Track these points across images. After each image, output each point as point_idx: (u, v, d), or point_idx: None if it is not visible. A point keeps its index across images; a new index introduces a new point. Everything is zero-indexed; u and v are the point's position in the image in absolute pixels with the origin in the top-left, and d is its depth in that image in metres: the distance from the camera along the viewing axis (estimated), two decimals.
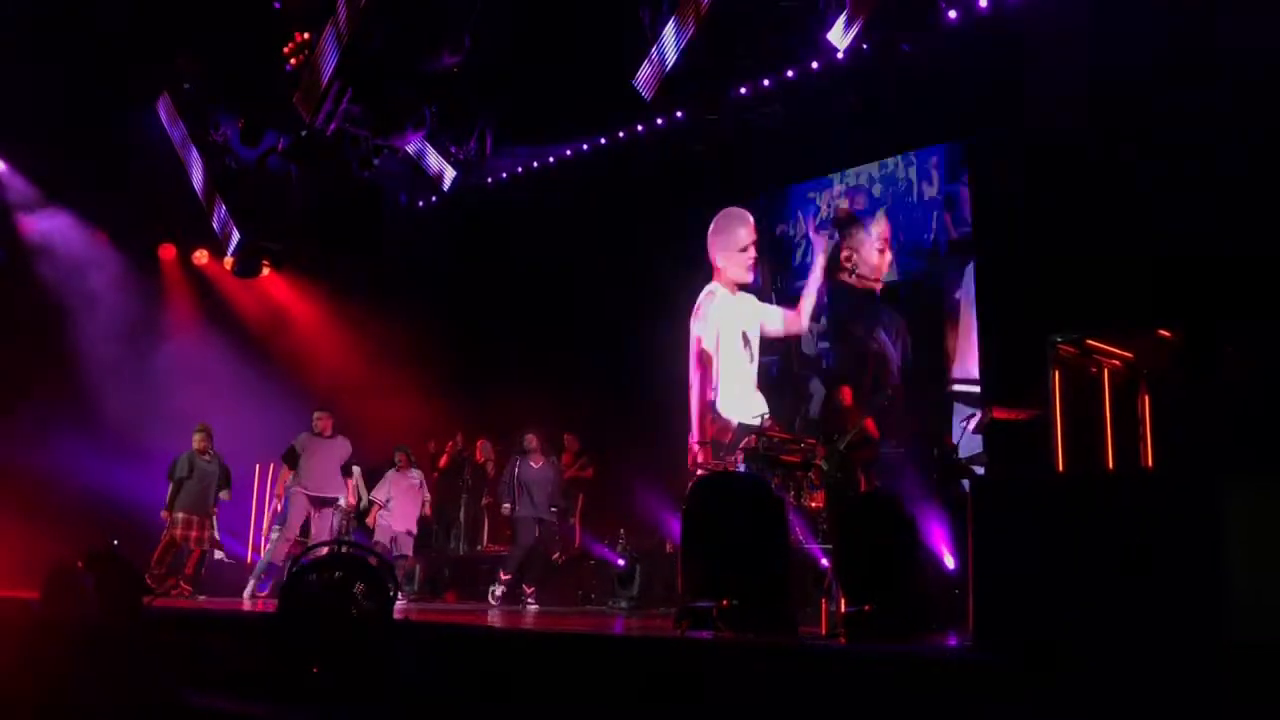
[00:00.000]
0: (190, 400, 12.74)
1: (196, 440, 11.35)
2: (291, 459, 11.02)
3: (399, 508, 11.65)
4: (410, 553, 11.82)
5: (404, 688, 5.39)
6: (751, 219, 12.86)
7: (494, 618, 8.81)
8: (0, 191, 12.50)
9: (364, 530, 11.60)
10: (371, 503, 11.57)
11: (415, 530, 11.84)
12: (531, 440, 11.37)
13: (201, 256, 14.55)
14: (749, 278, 12.77)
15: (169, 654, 5.71)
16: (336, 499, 11.15)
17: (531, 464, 11.31)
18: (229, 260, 12.78)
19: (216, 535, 11.45)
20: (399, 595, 8.55)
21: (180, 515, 11.02)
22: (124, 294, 13.65)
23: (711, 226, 13.16)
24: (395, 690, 5.31)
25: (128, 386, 13.04)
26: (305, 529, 11.06)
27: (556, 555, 12.00)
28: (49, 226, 13.41)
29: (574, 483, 12.62)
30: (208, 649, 6.64)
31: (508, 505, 11.36)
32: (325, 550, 5.97)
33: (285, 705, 5.12)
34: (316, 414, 11.24)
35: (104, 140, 12.28)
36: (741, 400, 12.56)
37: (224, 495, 11.39)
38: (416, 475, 11.98)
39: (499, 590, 11.13)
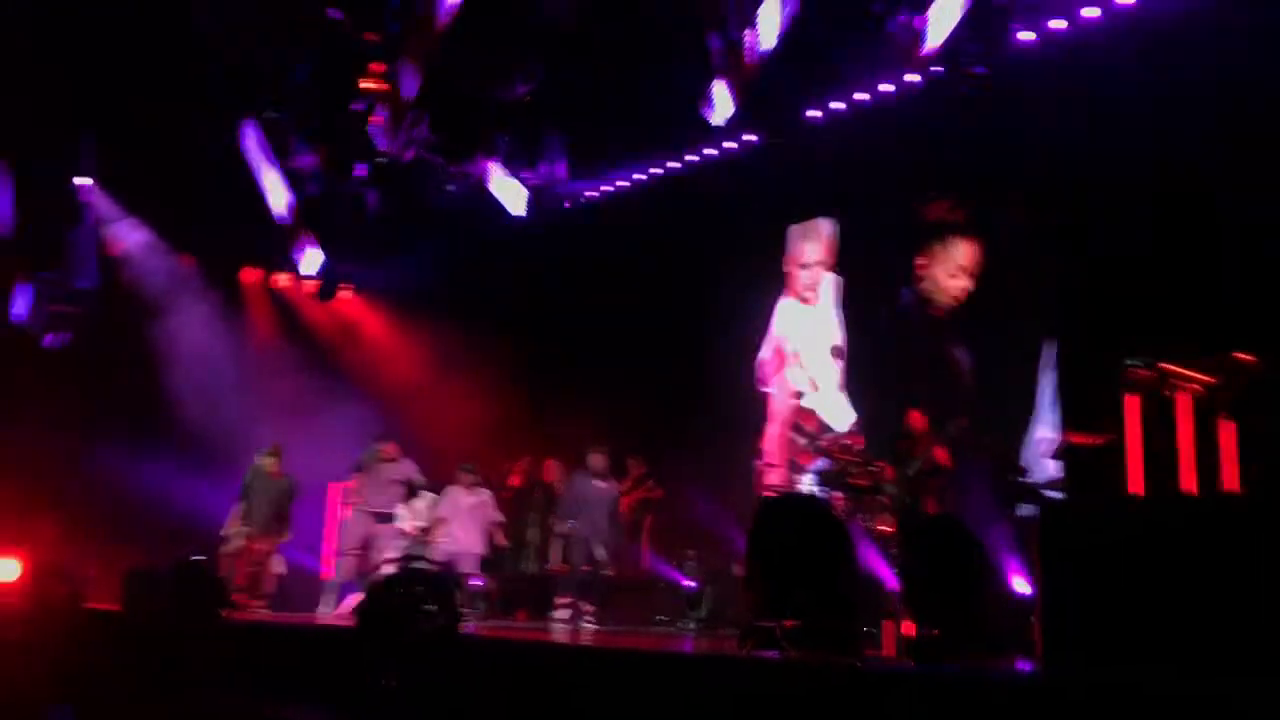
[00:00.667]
0: (269, 419, 13.06)
1: (267, 462, 11.61)
2: (359, 469, 11.27)
3: (460, 527, 11.74)
4: (471, 570, 11.86)
5: (470, 703, 5.47)
6: (826, 231, 12.77)
7: (555, 636, 8.89)
8: (89, 214, 12.94)
9: (425, 549, 11.74)
10: (439, 520, 11.72)
11: (482, 550, 11.90)
12: (597, 460, 11.41)
13: (282, 279, 14.95)
14: (814, 298, 12.71)
15: (246, 665, 5.86)
16: (396, 517, 11.31)
17: (595, 484, 11.35)
18: (309, 283, 13.12)
19: (280, 550, 11.65)
20: (466, 613, 8.68)
21: (245, 530, 11.27)
22: (207, 315, 14.07)
23: (792, 230, 13.09)
24: (463, 705, 5.40)
25: (211, 406, 13.41)
26: (367, 545, 11.27)
27: (614, 572, 12.04)
28: (136, 250, 13.88)
29: (643, 504, 12.66)
30: (283, 661, 6.80)
31: (566, 525, 11.42)
32: (397, 567, 6.10)
33: (359, 718, 5.23)
34: (380, 445, 11.45)
35: (190, 165, 12.70)
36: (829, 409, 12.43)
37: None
38: (483, 494, 12.05)
39: (562, 612, 11.17)
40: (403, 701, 5.23)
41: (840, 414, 11.83)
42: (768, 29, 9.14)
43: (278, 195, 11.96)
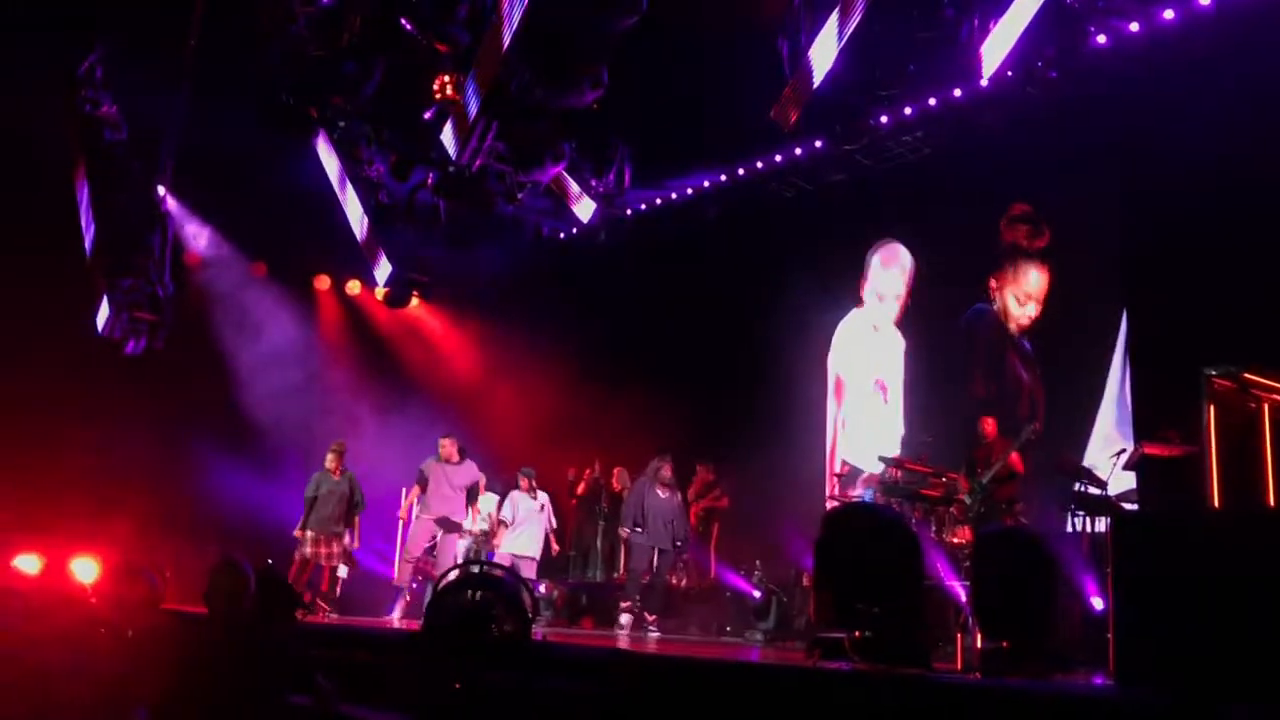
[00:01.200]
0: (341, 425, 13.27)
1: (329, 460, 11.71)
2: (422, 482, 11.35)
3: (521, 531, 11.81)
4: (532, 575, 11.88)
5: (539, 709, 5.50)
6: (909, 264, 12.68)
7: (621, 643, 8.90)
8: (168, 222, 13.24)
9: (485, 551, 11.81)
10: (501, 523, 11.78)
11: (539, 555, 11.95)
12: (665, 469, 11.40)
13: (354, 287, 15.20)
14: (892, 321, 12.66)
15: (319, 667, 5.94)
16: (460, 523, 11.38)
17: (659, 492, 11.33)
18: (381, 291, 13.28)
19: (349, 551, 11.75)
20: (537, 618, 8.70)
21: (310, 534, 11.37)
22: (281, 321, 14.35)
23: (875, 257, 13.04)
24: (532, 711, 5.43)
25: (285, 412, 13.66)
26: (432, 551, 11.35)
27: (680, 582, 12.01)
28: (213, 258, 14.19)
29: (709, 513, 12.64)
30: (354, 664, 6.90)
31: (627, 530, 11.42)
32: (466, 572, 6.15)
33: None
34: (442, 440, 11.50)
35: (264, 175, 12.96)
36: (868, 441, 12.38)
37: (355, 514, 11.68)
38: (541, 498, 12.09)
39: (625, 619, 11.18)
40: (472, 705, 5.28)
41: (869, 452, 11.78)
42: (833, 35, 9.09)
43: (350, 204, 12.15)
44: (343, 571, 11.92)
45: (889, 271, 12.85)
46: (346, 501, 11.63)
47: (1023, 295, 11.41)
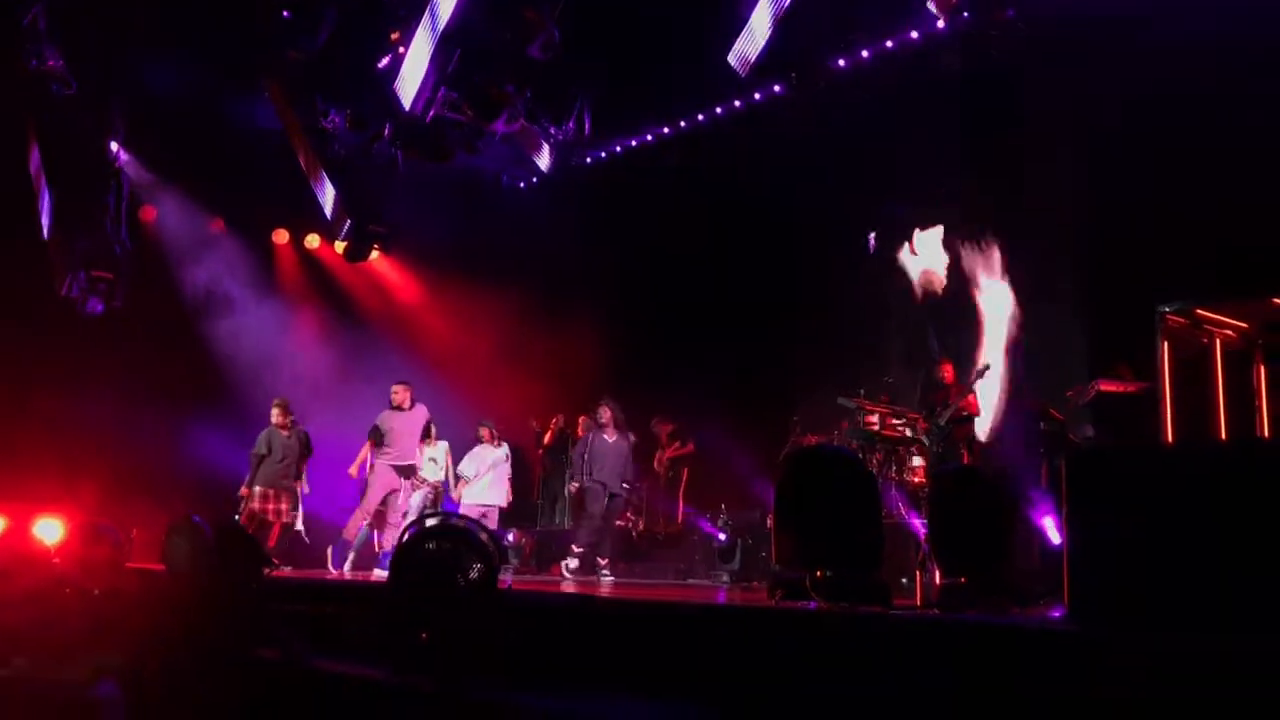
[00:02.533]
0: (303, 380, 13.20)
1: (274, 415, 11.59)
2: (377, 436, 11.27)
3: (483, 481, 11.81)
4: (495, 524, 11.84)
5: (506, 655, 5.57)
6: None
7: (585, 589, 8.96)
8: (122, 179, 13.04)
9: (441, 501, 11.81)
10: (459, 477, 11.78)
11: (505, 504, 11.96)
12: (604, 413, 11.37)
13: (313, 241, 15.06)
14: None
15: (286, 621, 5.98)
16: (416, 468, 11.36)
17: (605, 436, 11.32)
18: (340, 244, 13.17)
19: (299, 508, 11.67)
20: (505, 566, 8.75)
21: (258, 489, 11.28)
22: (241, 278, 14.22)
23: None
24: (500, 656, 5.50)
25: (246, 367, 13.57)
26: (386, 503, 11.28)
27: (639, 525, 12.08)
28: (167, 212, 14.01)
29: (676, 461, 12.73)
30: (322, 617, 6.93)
31: (574, 484, 11.42)
32: (432, 522, 6.18)
33: (403, 671, 5.34)
34: (394, 387, 11.42)
35: (219, 129, 12.78)
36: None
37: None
38: (504, 449, 12.09)
39: (573, 563, 11.19)
40: (440, 653, 5.34)
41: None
42: None
43: (305, 156, 12.00)
44: (299, 526, 11.77)
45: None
46: (296, 456, 11.55)
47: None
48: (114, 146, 12.94)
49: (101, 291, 12.16)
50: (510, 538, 12.35)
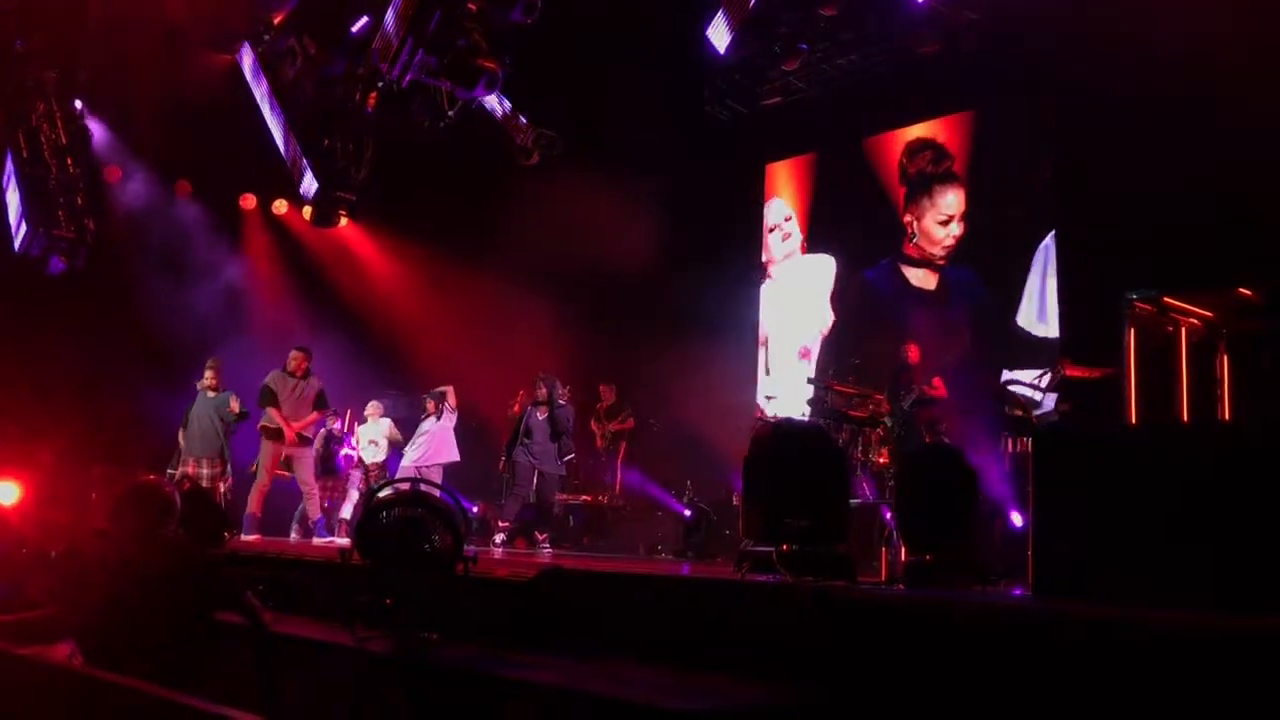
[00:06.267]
0: (266, 348, 13.05)
1: (206, 377, 11.14)
2: (268, 398, 10.70)
3: (418, 443, 11.64)
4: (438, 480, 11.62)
5: (469, 623, 5.56)
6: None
7: (552, 560, 8.93)
8: (88, 140, 12.83)
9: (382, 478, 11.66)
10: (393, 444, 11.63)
11: (444, 461, 11.66)
12: (541, 391, 11.15)
13: (281, 206, 14.90)
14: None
15: (249, 585, 5.93)
16: (310, 439, 11.07)
17: (538, 414, 11.20)
18: (307, 210, 13.03)
19: (228, 471, 11.23)
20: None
21: (189, 458, 10.90)
22: (206, 242, 14.05)
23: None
24: (465, 623, 5.49)
25: (211, 333, 13.41)
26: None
27: (603, 499, 12.08)
28: (131, 174, 13.81)
29: (616, 435, 12.73)
30: (285, 581, 6.90)
31: (503, 459, 11.26)
32: (398, 489, 6.14)
33: (364, 634, 5.33)
34: (293, 352, 10.95)
35: (187, 91, 12.57)
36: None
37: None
38: (437, 420, 11.74)
39: (498, 537, 11.09)
40: (403, 618, 5.32)
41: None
42: None
43: (275, 121, 11.85)
44: (226, 491, 11.35)
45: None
46: (221, 420, 11.03)
47: (944, 217, 11.56)
48: (78, 105, 12.73)
49: (63, 250, 11.97)
50: (474, 510, 12.31)
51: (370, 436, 12.32)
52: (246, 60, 12.31)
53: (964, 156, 11.47)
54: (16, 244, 11.93)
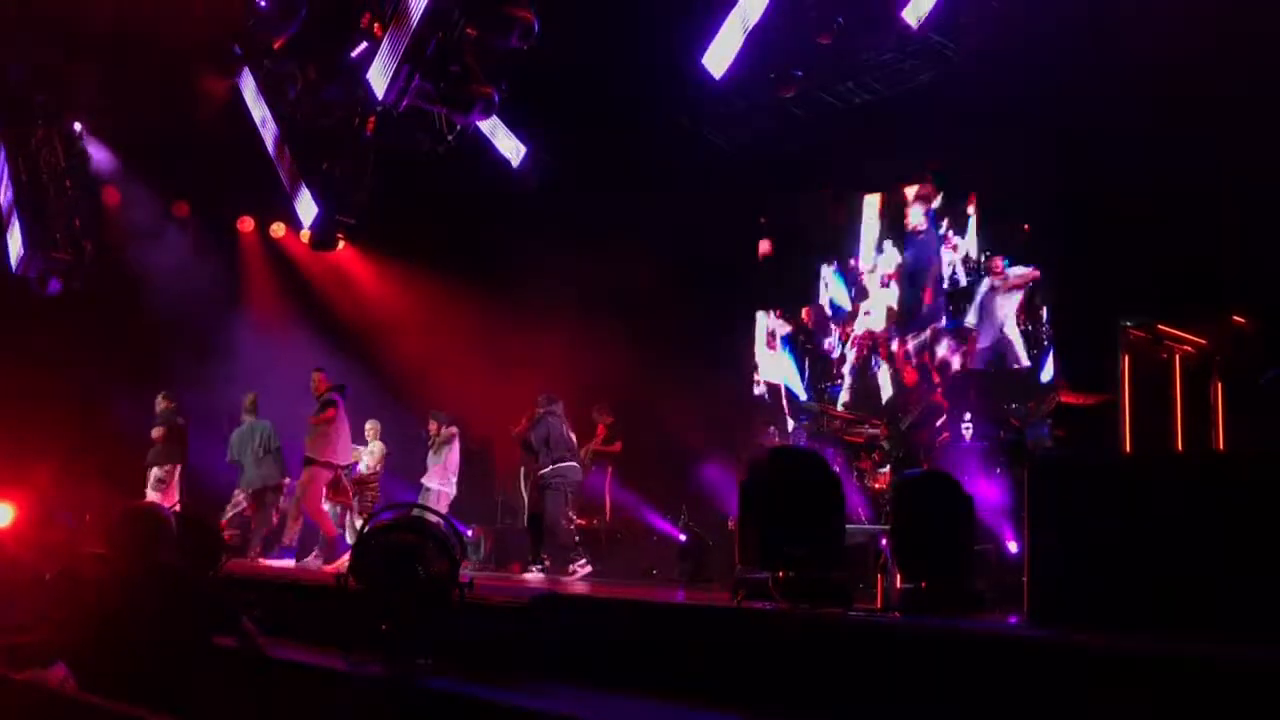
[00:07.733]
0: (264, 370, 13.06)
1: (246, 408, 11.81)
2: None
3: (433, 474, 11.70)
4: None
5: (465, 649, 5.55)
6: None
7: (548, 585, 8.94)
8: (86, 162, 12.87)
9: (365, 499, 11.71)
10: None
11: (453, 493, 11.76)
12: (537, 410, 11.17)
13: (278, 229, 14.92)
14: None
15: (246, 609, 5.92)
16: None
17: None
18: (305, 234, 13.05)
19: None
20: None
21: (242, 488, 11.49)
22: (203, 263, 14.06)
23: None
24: (460, 649, 5.48)
25: (207, 353, 13.41)
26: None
27: (594, 522, 12.07)
28: (130, 195, 13.84)
29: (599, 454, 12.68)
30: (282, 606, 6.88)
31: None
32: (394, 515, 6.15)
33: (359, 659, 5.32)
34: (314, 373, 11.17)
35: (188, 114, 12.61)
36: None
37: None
38: (445, 436, 11.87)
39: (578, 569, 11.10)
40: (399, 644, 5.32)
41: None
42: None
43: (275, 145, 11.90)
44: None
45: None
46: (265, 448, 11.57)
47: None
48: (77, 127, 12.78)
49: (61, 271, 12.00)
50: (469, 533, 12.27)
51: (365, 454, 12.31)
52: (247, 84, 12.36)
53: (963, 189, 11.48)
54: (14, 265, 11.95)
